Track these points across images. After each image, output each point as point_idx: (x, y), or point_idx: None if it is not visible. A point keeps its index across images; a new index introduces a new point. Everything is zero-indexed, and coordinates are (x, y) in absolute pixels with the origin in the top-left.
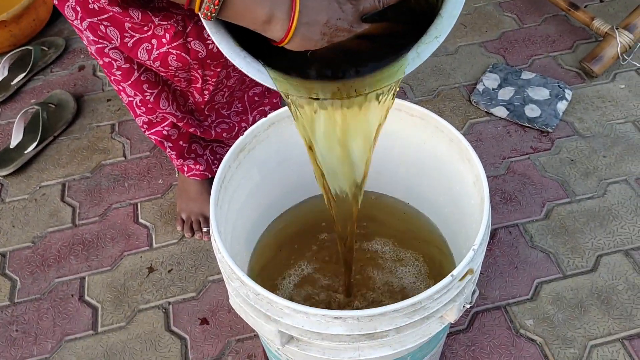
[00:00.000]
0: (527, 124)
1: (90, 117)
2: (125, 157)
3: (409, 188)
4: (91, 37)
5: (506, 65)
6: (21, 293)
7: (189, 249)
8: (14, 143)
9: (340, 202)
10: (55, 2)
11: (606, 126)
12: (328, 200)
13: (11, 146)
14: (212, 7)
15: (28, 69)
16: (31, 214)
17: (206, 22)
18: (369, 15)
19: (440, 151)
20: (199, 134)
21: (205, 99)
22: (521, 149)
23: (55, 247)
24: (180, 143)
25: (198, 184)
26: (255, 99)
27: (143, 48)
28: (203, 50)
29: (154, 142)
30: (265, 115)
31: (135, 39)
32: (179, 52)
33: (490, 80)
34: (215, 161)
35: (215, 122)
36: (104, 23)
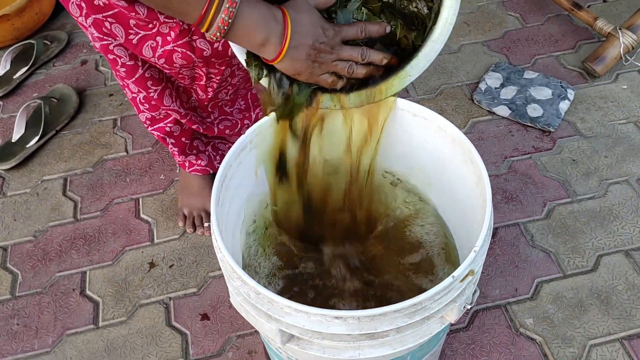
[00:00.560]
0: (529, 124)
1: (92, 112)
2: (127, 152)
3: (410, 186)
4: (96, 34)
5: (509, 65)
6: (22, 287)
7: (190, 245)
8: (15, 137)
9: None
10: None
11: (608, 126)
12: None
13: (13, 140)
14: (219, 34)
15: (30, 62)
16: (33, 208)
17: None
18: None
19: (442, 151)
20: (201, 131)
21: (209, 96)
22: (523, 149)
23: (56, 242)
24: (183, 139)
25: (200, 179)
26: (259, 96)
27: (148, 45)
28: (208, 49)
29: (157, 138)
30: None
31: (140, 36)
32: (184, 50)
33: (492, 79)
34: (217, 157)
35: (218, 119)
36: (109, 20)
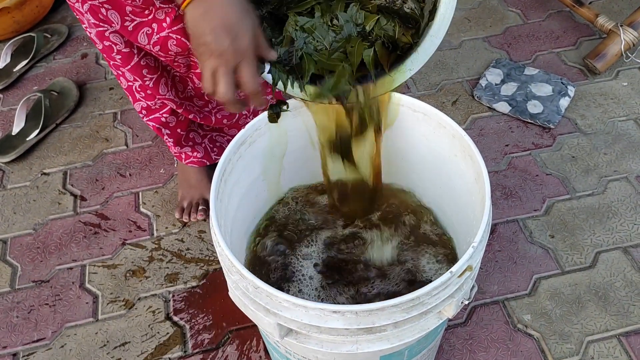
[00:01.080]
0: (529, 120)
1: (92, 105)
2: (127, 146)
3: (410, 182)
4: (92, 20)
5: (509, 61)
6: (22, 279)
7: (190, 239)
8: (15, 130)
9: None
10: None
11: (608, 123)
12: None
13: (13, 133)
14: None
15: (30, 56)
16: (32, 201)
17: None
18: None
19: (442, 147)
20: (198, 120)
21: None
22: (523, 145)
23: (56, 235)
24: (178, 131)
25: (197, 171)
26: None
27: (143, 32)
28: None
29: (152, 129)
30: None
31: (135, 22)
32: (179, 37)
33: (493, 76)
34: (214, 149)
35: (215, 109)
36: (105, 6)
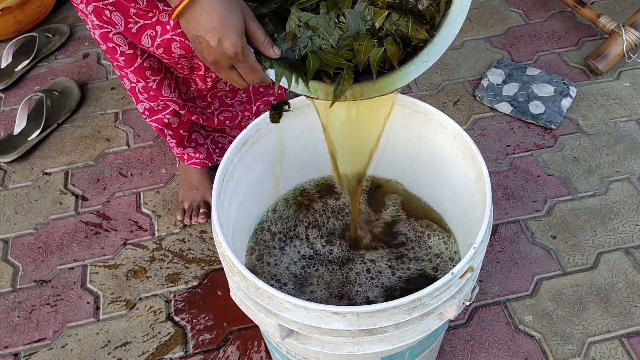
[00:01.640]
0: (531, 121)
1: (94, 105)
2: (128, 146)
3: (411, 182)
4: (95, 22)
5: (511, 61)
6: (23, 279)
7: (191, 239)
8: (17, 130)
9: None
10: None
11: (610, 124)
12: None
13: (14, 133)
14: None
15: (32, 55)
16: (34, 200)
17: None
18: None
19: (443, 147)
20: (201, 122)
21: (208, 86)
22: (524, 145)
23: (57, 235)
24: (181, 131)
25: (199, 172)
26: (260, 89)
27: (147, 34)
28: None
29: (155, 130)
30: (269, 105)
31: (139, 25)
32: (182, 40)
33: (495, 76)
34: (216, 150)
35: (218, 110)
36: (109, 8)
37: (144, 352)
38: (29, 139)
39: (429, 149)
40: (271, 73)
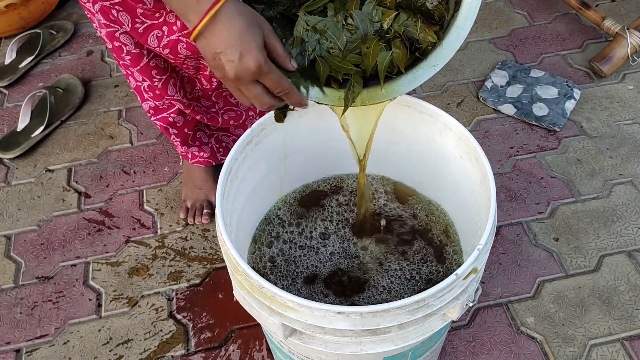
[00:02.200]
0: (535, 122)
1: (97, 103)
2: (131, 144)
3: (415, 183)
4: (102, 21)
5: (515, 63)
6: (25, 276)
7: (194, 237)
8: (20, 126)
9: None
10: None
11: (613, 127)
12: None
13: (18, 129)
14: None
15: (36, 52)
16: (37, 197)
17: None
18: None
19: (447, 149)
20: (205, 121)
21: (213, 86)
22: (528, 147)
23: (60, 231)
24: (185, 130)
25: (203, 171)
26: None
27: (153, 35)
28: None
29: (159, 128)
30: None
31: (146, 25)
32: (189, 41)
33: (498, 77)
34: (220, 149)
35: (222, 109)
36: (116, 7)
37: (145, 350)
38: (32, 136)
39: (433, 150)
40: None
